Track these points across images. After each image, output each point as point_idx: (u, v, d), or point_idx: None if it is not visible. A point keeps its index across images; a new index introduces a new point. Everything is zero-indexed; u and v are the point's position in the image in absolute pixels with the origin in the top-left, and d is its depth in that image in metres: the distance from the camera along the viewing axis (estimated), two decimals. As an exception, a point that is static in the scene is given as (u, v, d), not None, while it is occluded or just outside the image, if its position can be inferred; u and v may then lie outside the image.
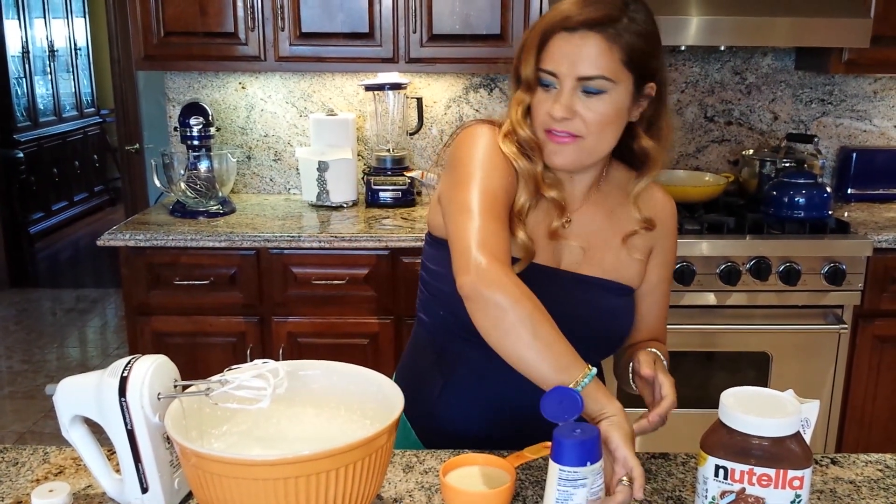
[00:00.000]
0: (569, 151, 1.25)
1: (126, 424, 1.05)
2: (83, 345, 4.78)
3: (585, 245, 1.36)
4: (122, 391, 1.04)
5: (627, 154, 1.35)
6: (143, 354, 1.09)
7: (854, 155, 3.10)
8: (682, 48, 3.04)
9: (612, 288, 1.36)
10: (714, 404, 0.98)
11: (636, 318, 1.43)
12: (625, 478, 1.02)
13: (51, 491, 1.00)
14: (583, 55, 1.20)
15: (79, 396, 1.09)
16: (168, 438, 1.07)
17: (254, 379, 1.04)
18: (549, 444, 0.99)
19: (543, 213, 1.32)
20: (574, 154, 1.26)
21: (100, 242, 2.59)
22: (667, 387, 1.25)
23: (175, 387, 1.08)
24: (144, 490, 1.08)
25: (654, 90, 1.28)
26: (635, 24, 1.21)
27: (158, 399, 1.05)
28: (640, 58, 1.23)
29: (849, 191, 3.11)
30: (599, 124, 1.23)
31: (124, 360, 1.07)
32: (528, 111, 1.27)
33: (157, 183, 2.89)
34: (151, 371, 1.05)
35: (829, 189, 2.68)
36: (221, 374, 1.07)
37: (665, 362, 1.33)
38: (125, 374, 1.04)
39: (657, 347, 1.37)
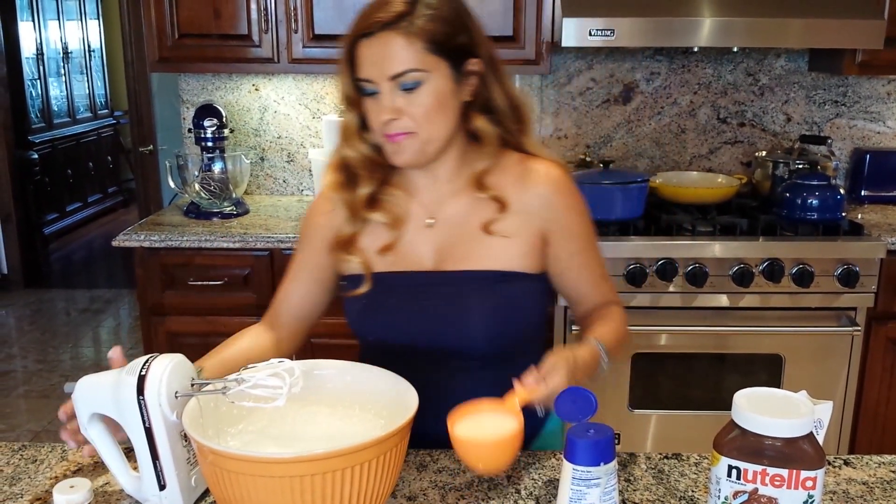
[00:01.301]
0: (406, 148, 1.28)
1: (144, 422, 1.06)
2: (97, 345, 4.82)
3: (450, 240, 1.36)
4: (140, 389, 1.05)
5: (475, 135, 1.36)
6: (160, 353, 1.10)
7: (868, 156, 3.09)
8: (695, 49, 3.03)
9: (491, 277, 1.33)
10: (727, 406, 0.99)
11: (570, 294, 1.42)
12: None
13: (72, 487, 1.01)
14: (386, 55, 1.23)
15: (97, 394, 1.10)
16: (185, 436, 1.08)
17: (270, 378, 1.05)
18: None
19: (397, 223, 1.36)
20: (412, 150, 1.28)
21: (115, 243, 2.61)
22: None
23: (192, 385, 1.09)
24: (162, 487, 1.09)
25: (480, 65, 1.30)
26: (429, 10, 1.24)
27: (176, 397, 1.06)
28: (444, 40, 1.25)
29: (862, 192, 3.10)
30: (426, 115, 1.26)
31: (142, 359, 1.09)
32: (360, 126, 1.31)
33: (172, 184, 2.91)
34: (169, 370, 1.06)
35: (842, 191, 2.67)
36: (238, 372, 1.09)
37: (602, 346, 1.28)
38: (143, 373, 1.06)
39: (598, 333, 1.33)
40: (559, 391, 1.10)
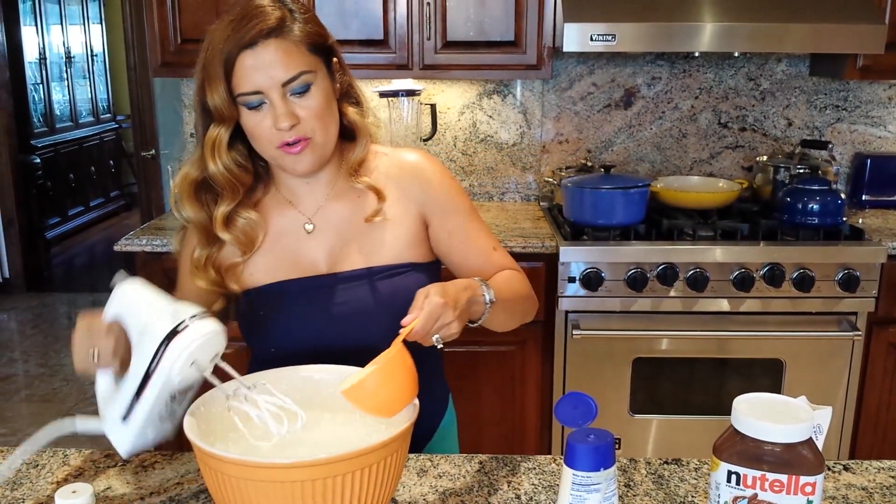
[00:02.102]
0: (306, 156, 1.29)
1: (150, 364, 1.05)
2: (99, 349, 4.81)
3: (339, 241, 1.37)
4: (168, 338, 1.04)
5: (346, 132, 1.37)
6: (209, 314, 1.09)
7: (868, 161, 3.09)
8: (697, 54, 3.04)
9: (383, 272, 1.35)
10: (727, 411, 0.99)
11: (462, 272, 1.42)
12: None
13: (74, 492, 1.01)
14: (275, 62, 1.23)
15: (135, 305, 1.09)
16: (173, 398, 1.08)
17: (275, 408, 1.06)
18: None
19: (279, 231, 1.37)
20: (311, 155, 1.29)
21: (117, 248, 2.62)
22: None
23: (211, 361, 1.08)
24: (124, 418, 1.09)
25: (340, 61, 1.34)
26: (302, 13, 1.28)
27: (190, 365, 1.05)
28: (318, 40, 1.29)
29: (863, 197, 3.10)
30: (320, 117, 1.27)
31: (190, 311, 1.07)
32: (227, 142, 1.29)
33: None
34: (202, 340, 1.05)
35: (843, 195, 2.67)
36: (260, 380, 1.09)
37: (481, 281, 1.27)
38: (179, 328, 1.04)
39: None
40: (437, 312, 1.12)
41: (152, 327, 1.06)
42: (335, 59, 1.33)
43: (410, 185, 1.40)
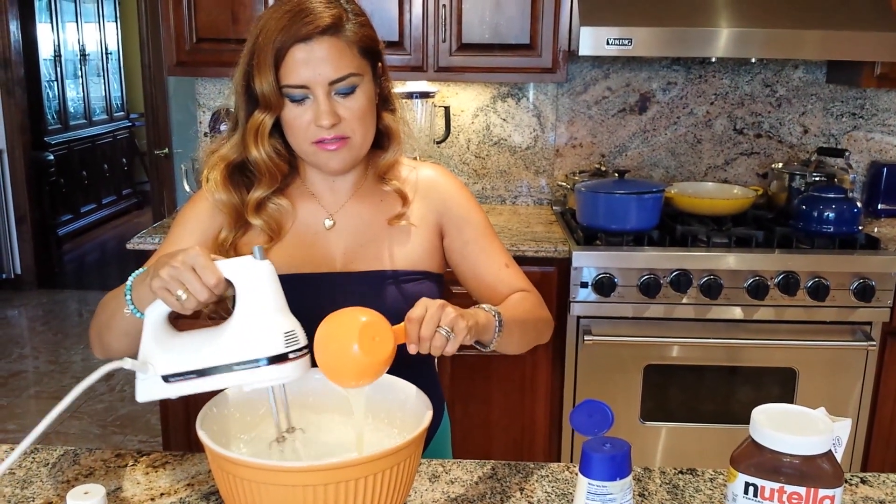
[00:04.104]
0: (342, 154, 1.29)
1: (237, 364, 1.01)
2: (109, 346, 4.82)
3: (357, 241, 1.37)
4: (274, 360, 1.00)
5: (377, 136, 1.37)
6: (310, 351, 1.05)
7: (885, 170, 3.07)
8: (713, 60, 3.02)
9: (397, 276, 1.35)
10: (738, 420, 0.98)
11: (472, 285, 1.42)
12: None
13: (86, 493, 1.00)
14: (325, 60, 1.23)
15: (259, 292, 1.03)
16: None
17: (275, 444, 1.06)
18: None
19: (299, 223, 1.36)
20: (346, 155, 1.30)
21: (130, 246, 2.62)
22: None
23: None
24: (167, 380, 1.03)
25: (384, 66, 1.34)
26: (357, 15, 1.28)
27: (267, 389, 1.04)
28: (370, 44, 1.29)
29: (879, 206, 3.08)
30: (361, 119, 1.28)
31: (304, 341, 1.03)
32: (270, 129, 1.28)
33: (187, 187, 2.92)
34: (298, 377, 1.03)
35: (859, 204, 2.65)
36: (300, 431, 1.09)
37: (492, 309, 1.23)
38: (291, 356, 1.01)
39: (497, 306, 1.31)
40: (438, 312, 1.09)
41: (264, 331, 1.01)
42: (380, 64, 1.33)
43: (430, 195, 1.41)
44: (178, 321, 1.09)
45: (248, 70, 1.26)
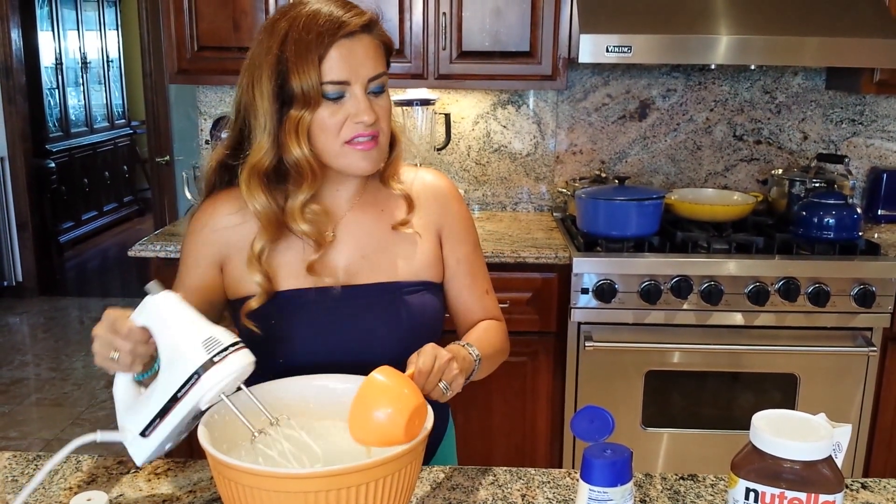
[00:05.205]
0: (374, 153, 1.29)
1: (179, 391, 1.03)
2: (110, 353, 4.82)
3: (359, 252, 1.36)
4: (204, 368, 1.02)
5: None
6: (244, 345, 1.07)
7: (885, 176, 3.07)
8: (712, 66, 3.03)
9: (400, 288, 1.35)
10: (740, 425, 0.98)
11: (454, 304, 1.43)
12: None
13: (89, 500, 1.00)
14: (366, 56, 1.25)
15: (169, 322, 1.05)
16: (195, 417, 1.06)
17: (296, 450, 1.07)
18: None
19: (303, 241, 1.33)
20: (377, 155, 1.30)
21: (131, 253, 2.62)
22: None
23: (238, 389, 1.07)
24: (144, 435, 1.06)
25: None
26: (382, 21, 1.30)
27: (220, 398, 1.05)
28: (390, 48, 1.32)
29: (879, 212, 3.08)
30: (388, 119, 1.30)
31: (226, 340, 1.04)
32: (307, 126, 1.25)
33: (189, 195, 2.92)
34: (237, 374, 1.04)
35: (859, 210, 2.66)
36: (285, 419, 1.09)
37: (475, 352, 1.27)
38: (216, 359, 1.02)
39: (473, 337, 1.35)
40: (444, 365, 1.13)
41: (185, 351, 1.03)
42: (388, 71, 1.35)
43: (432, 203, 1.41)
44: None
45: (280, 70, 1.22)
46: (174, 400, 1.04)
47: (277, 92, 1.24)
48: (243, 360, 1.04)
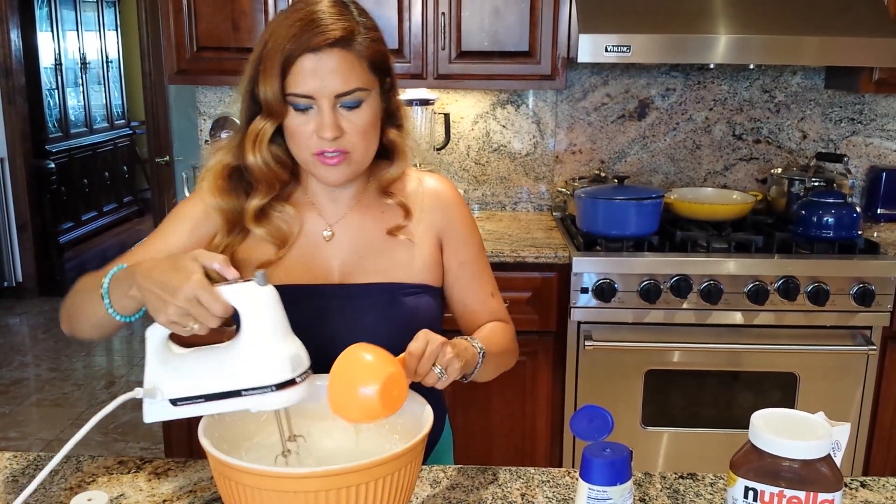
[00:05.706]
0: (341, 169, 1.27)
1: (246, 390, 1.02)
2: (110, 354, 4.83)
3: (356, 253, 1.36)
4: (283, 386, 1.02)
5: (381, 150, 1.35)
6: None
7: (884, 175, 3.07)
8: (711, 66, 3.03)
9: (395, 289, 1.34)
10: (739, 424, 0.98)
11: (458, 308, 1.42)
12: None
13: (89, 500, 1.01)
14: (333, 72, 1.21)
15: (263, 319, 1.04)
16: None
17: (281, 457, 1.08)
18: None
19: (300, 236, 1.34)
20: (346, 169, 1.28)
21: (130, 253, 2.62)
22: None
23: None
24: (175, 402, 1.06)
25: (393, 82, 1.33)
26: (370, 30, 1.26)
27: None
28: (381, 60, 1.27)
29: (878, 211, 3.09)
30: (364, 134, 1.26)
31: (307, 362, 1.06)
32: (271, 136, 1.26)
33: (189, 195, 2.92)
34: (303, 398, 1.05)
35: (858, 209, 2.66)
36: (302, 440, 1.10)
37: (477, 344, 1.27)
38: (298, 380, 1.03)
39: (480, 336, 1.34)
40: (438, 349, 1.12)
41: (271, 359, 1.02)
42: (389, 80, 1.32)
43: (433, 208, 1.40)
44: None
45: (254, 75, 1.25)
46: (234, 394, 1.03)
47: (252, 97, 1.26)
48: (311, 386, 1.06)
